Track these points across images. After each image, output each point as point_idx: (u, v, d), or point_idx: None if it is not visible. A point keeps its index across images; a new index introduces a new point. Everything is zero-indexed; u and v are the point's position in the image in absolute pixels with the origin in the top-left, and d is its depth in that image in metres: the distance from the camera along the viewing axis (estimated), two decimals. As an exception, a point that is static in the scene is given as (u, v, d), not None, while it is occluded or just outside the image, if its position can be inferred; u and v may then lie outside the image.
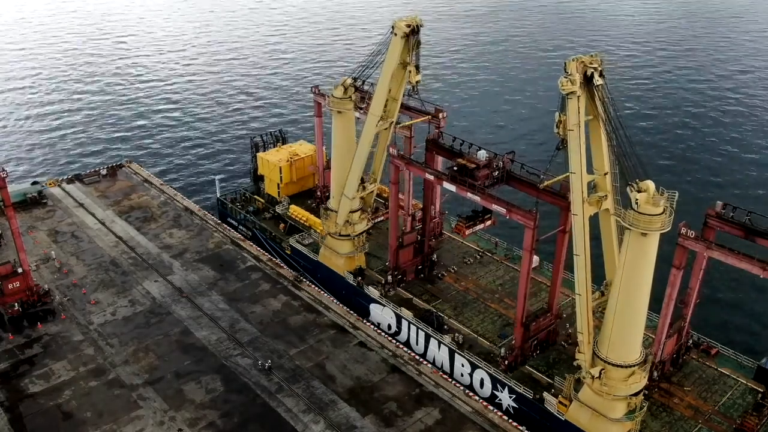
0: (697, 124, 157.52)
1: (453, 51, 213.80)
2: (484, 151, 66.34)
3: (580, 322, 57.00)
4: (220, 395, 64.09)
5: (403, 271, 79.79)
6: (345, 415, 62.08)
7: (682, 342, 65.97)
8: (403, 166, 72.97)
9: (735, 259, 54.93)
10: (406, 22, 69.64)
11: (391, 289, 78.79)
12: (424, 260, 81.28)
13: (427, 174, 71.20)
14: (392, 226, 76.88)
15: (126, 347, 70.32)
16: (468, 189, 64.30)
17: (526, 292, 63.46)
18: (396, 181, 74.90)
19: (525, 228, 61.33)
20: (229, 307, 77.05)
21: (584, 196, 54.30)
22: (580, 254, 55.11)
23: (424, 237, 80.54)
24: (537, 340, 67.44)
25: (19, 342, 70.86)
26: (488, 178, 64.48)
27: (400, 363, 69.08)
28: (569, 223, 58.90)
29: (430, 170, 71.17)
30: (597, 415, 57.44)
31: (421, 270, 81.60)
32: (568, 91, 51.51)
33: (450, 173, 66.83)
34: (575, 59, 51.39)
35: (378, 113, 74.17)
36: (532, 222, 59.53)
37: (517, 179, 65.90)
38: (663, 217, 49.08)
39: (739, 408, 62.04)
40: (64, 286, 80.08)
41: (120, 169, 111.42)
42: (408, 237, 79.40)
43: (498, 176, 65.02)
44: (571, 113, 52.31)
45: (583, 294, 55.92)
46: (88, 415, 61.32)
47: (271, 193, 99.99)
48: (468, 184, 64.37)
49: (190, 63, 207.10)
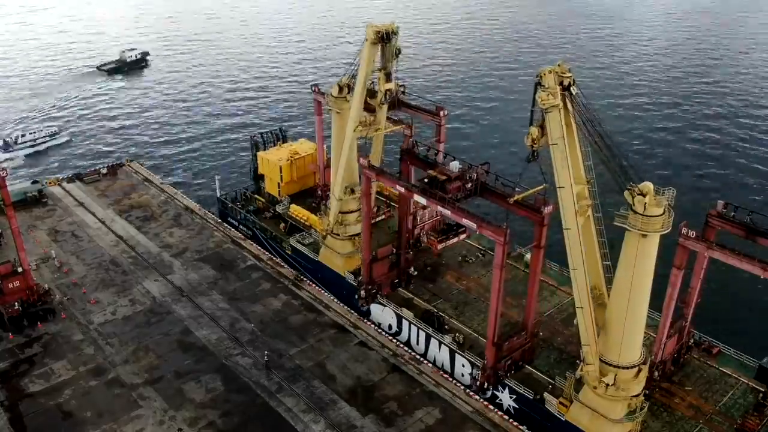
0: (691, 124, 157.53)
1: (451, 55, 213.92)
2: (457, 162, 62.82)
3: (584, 335, 56.07)
4: (220, 395, 64.01)
5: (378, 285, 76.57)
6: (345, 414, 61.99)
7: (683, 341, 65.83)
8: (373, 176, 69.20)
9: (736, 260, 54.72)
10: (376, 28, 69.11)
11: (365, 304, 76.52)
12: (400, 274, 78.01)
13: (398, 186, 67.04)
14: (365, 240, 73.39)
15: (126, 347, 70.24)
16: (438, 202, 60.60)
17: (497, 312, 60.04)
18: (368, 192, 71.37)
19: (495, 244, 58.12)
20: (229, 307, 76.96)
21: (576, 209, 53.27)
22: (578, 267, 54.42)
23: (400, 250, 76.61)
24: (511, 360, 63.75)
25: (19, 341, 70.77)
26: (460, 190, 60.68)
27: (401, 362, 68.97)
28: (543, 238, 57.43)
29: (400, 182, 66.94)
30: (597, 415, 57.33)
31: (398, 284, 78.42)
32: (549, 105, 50.49)
33: (421, 185, 63.06)
34: (551, 71, 50.22)
35: (356, 118, 73.65)
36: (503, 238, 56.24)
37: (491, 191, 62.16)
38: (663, 218, 48.93)
39: (740, 408, 61.87)
40: (64, 286, 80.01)
41: (120, 168, 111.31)
42: (382, 250, 76.04)
43: (471, 188, 61.23)
44: (554, 127, 51.44)
45: (586, 307, 55.06)
46: (88, 415, 61.25)
47: (272, 192, 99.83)
48: (438, 197, 60.65)
49: (190, 61, 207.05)
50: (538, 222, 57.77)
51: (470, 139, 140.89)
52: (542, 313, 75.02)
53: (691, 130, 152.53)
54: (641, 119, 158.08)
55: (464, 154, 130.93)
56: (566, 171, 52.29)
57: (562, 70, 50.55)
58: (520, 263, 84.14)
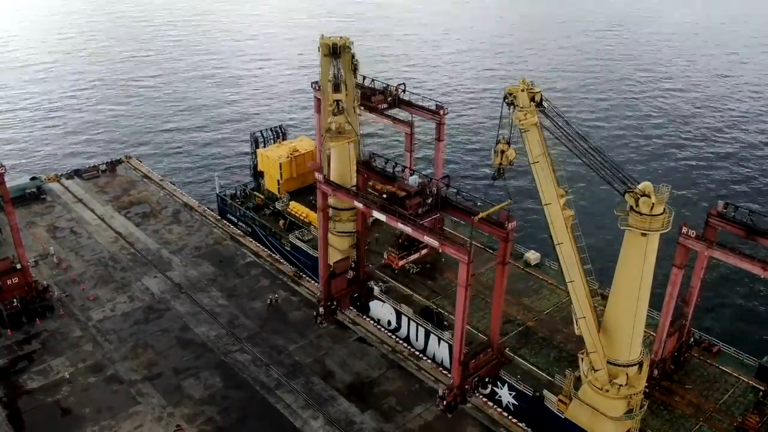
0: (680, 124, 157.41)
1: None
2: (416, 176, 60.46)
3: (590, 343, 55.32)
4: (219, 391, 63.94)
5: (337, 300, 73.26)
6: (344, 410, 61.93)
7: (683, 340, 65.72)
8: (329, 191, 66.71)
9: (736, 259, 54.60)
10: (326, 41, 69.96)
11: (324, 321, 72.73)
12: (360, 287, 74.82)
13: (356, 201, 64.47)
14: (321, 257, 71.10)
15: (125, 343, 70.13)
16: (399, 219, 57.65)
17: (463, 332, 57.13)
18: (324, 208, 68.73)
19: (459, 263, 55.14)
20: (228, 303, 76.87)
21: (566, 223, 52.50)
22: (575, 279, 53.87)
23: (359, 263, 73.33)
24: (478, 377, 61.63)
25: (17, 338, 70.67)
26: (420, 206, 58.00)
27: (400, 359, 68.93)
28: (508, 255, 55.58)
29: (358, 198, 63.79)
30: (597, 413, 57.20)
31: (358, 298, 75.61)
32: (529, 124, 49.97)
33: (379, 201, 60.10)
34: (522, 89, 49.57)
35: (325, 126, 73.77)
36: (466, 256, 53.57)
37: (453, 206, 59.51)
38: (663, 217, 48.74)
39: (740, 406, 61.80)
40: (63, 282, 79.86)
41: (119, 165, 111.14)
42: (340, 265, 72.91)
43: (431, 203, 58.60)
44: (534, 145, 50.77)
45: (588, 315, 54.57)
46: (87, 411, 61.20)
47: (271, 189, 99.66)
48: (398, 214, 57.63)
49: (190, 58, 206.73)
50: (503, 238, 55.07)
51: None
52: (542, 312, 75.08)
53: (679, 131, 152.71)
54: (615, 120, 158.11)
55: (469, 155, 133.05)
56: (551, 187, 51.78)
57: (530, 86, 49.96)
58: (519, 262, 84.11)
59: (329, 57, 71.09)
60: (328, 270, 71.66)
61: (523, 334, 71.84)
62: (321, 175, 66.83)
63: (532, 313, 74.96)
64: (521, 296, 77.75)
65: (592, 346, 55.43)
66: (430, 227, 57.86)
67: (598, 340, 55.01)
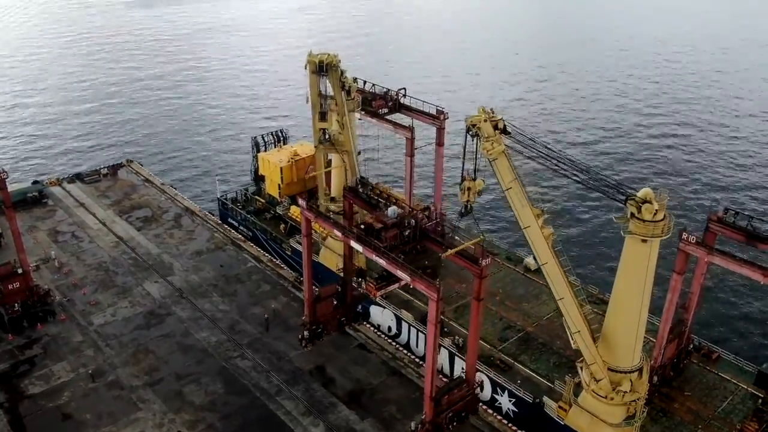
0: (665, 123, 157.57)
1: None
2: (394, 207, 58.63)
3: (588, 355, 55.53)
4: (219, 397, 64.01)
5: (323, 324, 71.07)
6: (344, 418, 62.00)
7: (682, 346, 65.83)
8: (312, 218, 65.04)
9: (736, 265, 54.72)
10: (313, 59, 70.04)
11: (308, 344, 70.19)
12: (347, 311, 73.12)
13: (335, 231, 63.44)
14: (306, 279, 68.54)
15: (126, 348, 70.25)
16: (373, 251, 56.30)
17: (433, 368, 55.20)
18: (308, 233, 66.38)
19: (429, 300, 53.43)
20: (229, 308, 77.00)
21: (548, 242, 52.65)
22: (564, 296, 54.08)
23: (346, 287, 71.33)
24: (452, 413, 59.34)
25: (19, 343, 70.84)
26: (397, 238, 56.36)
27: (400, 365, 69.01)
28: (483, 292, 54.04)
29: (338, 227, 62.90)
30: (596, 420, 57.34)
31: (345, 322, 73.58)
32: (497, 153, 49.89)
33: (357, 233, 58.98)
34: (485, 119, 49.31)
35: (316, 140, 74.93)
36: (436, 294, 51.74)
37: (431, 239, 57.69)
38: (664, 223, 48.94)
39: (739, 413, 61.86)
40: (65, 287, 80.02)
41: (121, 169, 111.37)
42: (326, 289, 71.01)
43: (409, 236, 56.82)
44: (505, 173, 50.91)
45: (583, 329, 54.70)
46: (88, 417, 61.25)
47: (272, 193, 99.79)
48: (373, 246, 56.22)
49: (191, 62, 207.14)
50: (477, 274, 53.25)
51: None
52: (542, 317, 75.24)
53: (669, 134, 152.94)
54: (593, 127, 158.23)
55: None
56: (528, 210, 52.00)
57: (487, 115, 49.83)
58: (519, 267, 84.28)
59: (317, 74, 71.22)
60: (313, 294, 69.26)
61: (523, 340, 72.00)
62: (303, 201, 64.86)
63: (531, 318, 75.12)
64: (521, 301, 77.90)
65: (591, 358, 55.61)
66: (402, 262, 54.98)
67: (596, 352, 55.23)
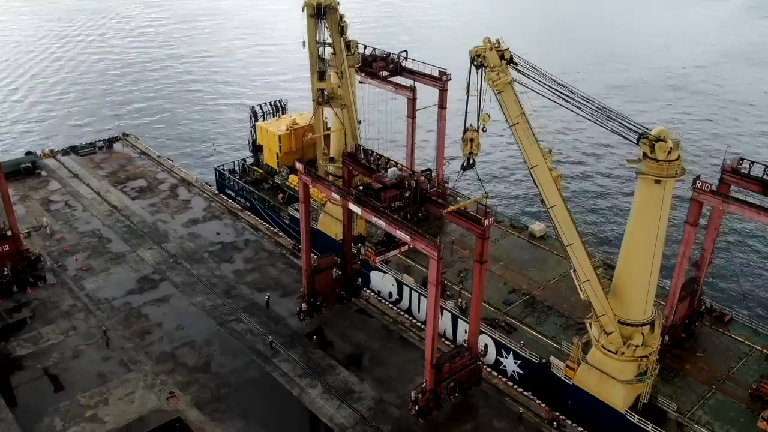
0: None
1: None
2: (395, 168, 57.17)
3: (598, 306, 53.15)
4: (214, 359, 61.86)
5: (321, 297, 68.42)
6: (343, 379, 59.80)
7: (694, 308, 63.39)
8: (310, 183, 62.74)
9: (753, 213, 52.17)
10: (311, 1, 67.29)
11: (306, 317, 67.65)
12: (346, 285, 70.45)
13: (333, 194, 62.00)
14: (304, 249, 65.90)
15: (117, 312, 68.07)
16: (372, 212, 54.63)
17: (435, 332, 53.17)
18: (306, 200, 64.09)
19: (429, 259, 50.99)
20: (225, 274, 74.77)
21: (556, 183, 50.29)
22: (574, 242, 51.65)
23: (345, 259, 69.20)
24: (454, 382, 57.29)
25: (7, 306, 68.60)
26: (397, 199, 54.39)
27: (401, 329, 66.79)
28: (486, 253, 51.74)
29: (335, 189, 61.24)
30: (606, 378, 55.04)
31: (345, 296, 70.87)
32: (503, 84, 47.35)
33: (355, 194, 57.61)
34: (491, 48, 46.89)
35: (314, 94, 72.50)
36: (436, 252, 49.61)
37: (432, 201, 55.33)
38: (678, 163, 46.54)
39: (753, 374, 59.46)
40: (56, 253, 77.81)
41: (117, 142, 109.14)
42: (325, 261, 68.48)
43: (409, 197, 54.69)
44: (511, 106, 48.44)
45: (593, 278, 52.20)
46: (77, 378, 59.12)
47: (270, 163, 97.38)
48: (371, 207, 54.58)
49: (189, 32, 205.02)
50: (479, 235, 51.15)
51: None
52: (548, 281, 72.99)
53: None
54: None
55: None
56: (535, 148, 49.33)
57: (497, 44, 47.37)
58: (524, 234, 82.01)
59: (314, 18, 68.38)
60: (311, 265, 66.53)
61: (528, 303, 69.71)
62: (301, 165, 62.42)
63: (537, 282, 72.77)
64: (526, 267, 75.56)
65: (601, 309, 53.19)
66: (402, 221, 52.95)
67: (606, 301, 52.79)
